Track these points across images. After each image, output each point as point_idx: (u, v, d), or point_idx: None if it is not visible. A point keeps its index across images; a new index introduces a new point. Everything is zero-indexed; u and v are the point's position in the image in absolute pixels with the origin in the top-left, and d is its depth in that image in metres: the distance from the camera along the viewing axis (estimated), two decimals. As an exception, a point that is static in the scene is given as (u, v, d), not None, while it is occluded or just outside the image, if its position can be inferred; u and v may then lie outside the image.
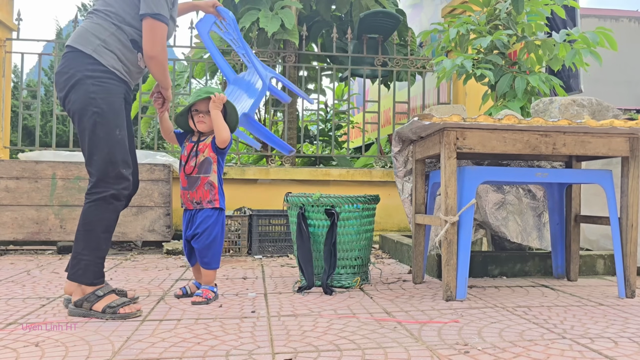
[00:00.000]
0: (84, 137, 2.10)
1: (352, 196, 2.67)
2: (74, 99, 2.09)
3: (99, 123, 2.07)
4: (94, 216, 2.07)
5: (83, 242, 2.07)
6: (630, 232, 2.49)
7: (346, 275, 2.67)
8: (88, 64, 2.10)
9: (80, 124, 2.10)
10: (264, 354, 1.60)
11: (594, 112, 2.66)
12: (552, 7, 3.43)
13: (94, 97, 2.07)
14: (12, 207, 3.96)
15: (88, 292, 2.06)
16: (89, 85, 2.08)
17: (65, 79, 2.11)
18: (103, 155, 2.07)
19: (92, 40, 2.13)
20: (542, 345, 1.71)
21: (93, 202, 2.08)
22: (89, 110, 2.07)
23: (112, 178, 2.08)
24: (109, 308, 2.03)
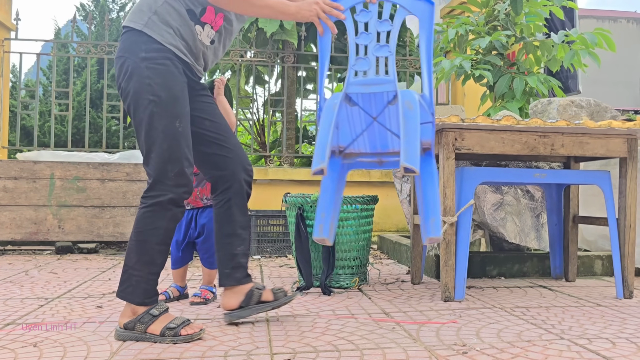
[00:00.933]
0: (140, 132, 1.78)
1: (350, 197, 2.67)
2: (128, 87, 1.78)
3: (156, 114, 1.75)
4: (148, 224, 1.76)
5: (135, 254, 1.76)
6: (628, 233, 2.49)
7: (345, 275, 2.67)
8: (141, 43, 1.78)
9: (135, 116, 1.79)
10: (262, 354, 1.60)
11: (592, 113, 2.66)
12: (550, 8, 3.43)
13: (149, 82, 1.75)
14: (10, 207, 3.96)
15: (140, 312, 1.76)
16: (143, 69, 1.75)
17: (119, 65, 1.81)
18: (161, 152, 1.75)
19: (144, 13, 1.80)
20: (540, 345, 1.71)
21: (148, 207, 1.76)
22: (145, 99, 1.75)
23: (171, 179, 1.76)
24: (169, 330, 1.74)
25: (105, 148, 4.75)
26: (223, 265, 1.99)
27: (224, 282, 1.99)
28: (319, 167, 1.65)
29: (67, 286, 2.67)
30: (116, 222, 4.05)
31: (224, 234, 1.98)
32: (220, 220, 1.99)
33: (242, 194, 1.99)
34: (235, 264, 1.98)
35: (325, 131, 1.73)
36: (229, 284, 1.97)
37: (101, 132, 9.62)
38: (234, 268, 1.98)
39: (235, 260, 1.98)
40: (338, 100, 1.76)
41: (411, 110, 1.74)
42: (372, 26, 1.84)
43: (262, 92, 7.88)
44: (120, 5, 12.96)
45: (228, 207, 1.97)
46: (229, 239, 1.98)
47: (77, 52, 4.79)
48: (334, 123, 1.73)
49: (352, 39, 1.86)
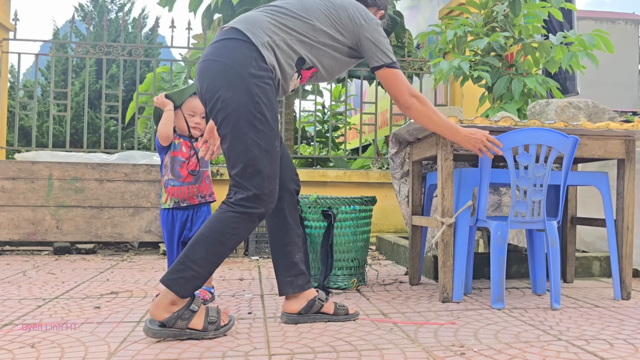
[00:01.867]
0: (236, 145, 1.76)
1: (349, 197, 2.67)
2: (231, 97, 1.75)
3: (262, 132, 1.76)
4: (232, 229, 1.76)
5: (205, 251, 1.74)
6: (626, 234, 2.50)
7: (343, 276, 2.67)
8: (252, 59, 1.77)
9: (234, 128, 1.76)
10: (260, 355, 1.60)
11: (590, 114, 2.67)
12: (549, 10, 3.44)
13: (257, 100, 1.76)
14: (8, 208, 3.95)
15: (177, 308, 1.74)
16: (253, 86, 1.75)
17: (222, 70, 1.77)
18: (263, 169, 1.76)
19: (262, 35, 1.81)
20: (538, 347, 1.71)
21: (239, 214, 1.76)
22: (251, 115, 1.75)
23: (267, 195, 1.78)
24: (211, 324, 1.76)
25: (104, 148, 4.75)
26: (283, 273, 2.01)
27: (286, 290, 2.01)
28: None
29: (65, 287, 2.67)
30: (114, 223, 4.05)
31: (282, 243, 2.02)
32: (277, 230, 2.03)
33: (295, 204, 2.06)
34: (296, 272, 2.02)
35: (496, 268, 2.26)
36: (292, 292, 2.00)
37: (99, 132, 9.63)
38: (295, 275, 2.01)
39: (296, 268, 2.02)
40: None
41: (553, 247, 2.28)
42: (531, 170, 2.24)
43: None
44: (119, 5, 12.95)
45: (283, 216, 2.02)
46: (288, 247, 2.02)
47: (76, 52, 4.79)
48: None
49: (514, 182, 2.26)
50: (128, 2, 13.02)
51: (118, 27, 10.89)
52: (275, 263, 2.04)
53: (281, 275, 2.02)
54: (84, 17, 11.38)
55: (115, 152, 4.55)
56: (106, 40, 4.82)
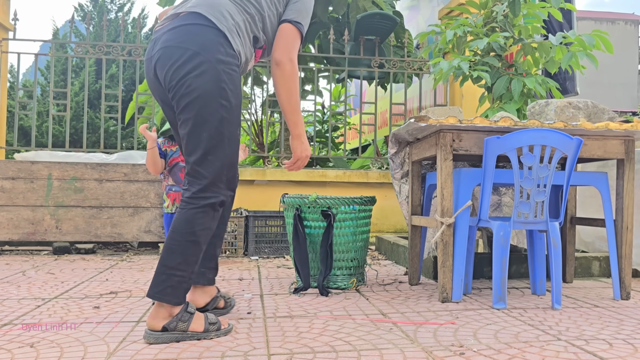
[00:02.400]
0: (200, 131, 1.74)
1: (348, 197, 2.67)
2: (198, 85, 1.72)
3: (226, 120, 1.76)
4: (201, 225, 1.74)
5: (181, 255, 1.73)
6: (625, 234, 2.50)
7: (342, 276, 2.67)
8: (219, 45, 1.76)
9: (199, 115, 1.73)
10: (259, 355, 1.60)
11: (589, 114, 2.67)
12: (548, 10, 3.44)
13: (224, 87, 1.74)
14: (8, 208, 3.95)
15: (177, 311, 1.74)
16: (220, 72, 1.74)
17: (189, 55, 1.73)
18: (222, 157, 1.76)
19: (226, 18, 1.80)
20: (537, 347, 1.71)
21: (200, 208, 1.74)
22: (217, 102, 1.74)
23: (224, 183, 1.79)
24: (212, 325, 1.78)
25: (103, 148, 4.74)
26: (201, 263, 2.01)
27: (197, 280, 2.01)
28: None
29: (65, 287, 2.67)
30: (114, 223, 4.05)
31: (214, 234, 2.02)
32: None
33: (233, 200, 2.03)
34: (212, 265, 2.04)
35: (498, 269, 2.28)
36: (202, 283, 2.01)
37: (99, 132, 9.63)
38: (209, 269, 2.03)
39: (213, 262, 2.05)
40: None
41: (555, 248, 2.28)
42: (534, 171, 2.25)
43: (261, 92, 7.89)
44: (119, 5, 12.95)
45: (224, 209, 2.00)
46: (214, 239, 2.03)
47: (75, 52, 4.78)
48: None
49: (518, 182, 2.26)
50: (128, 2, 13.01)
51: (118, 27, 10.89)
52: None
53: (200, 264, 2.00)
54: (83, 17, 11.38)
55: (115, 152, 4.55)
56: (106, 40, 4.82)
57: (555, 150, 2.26)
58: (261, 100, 7.48)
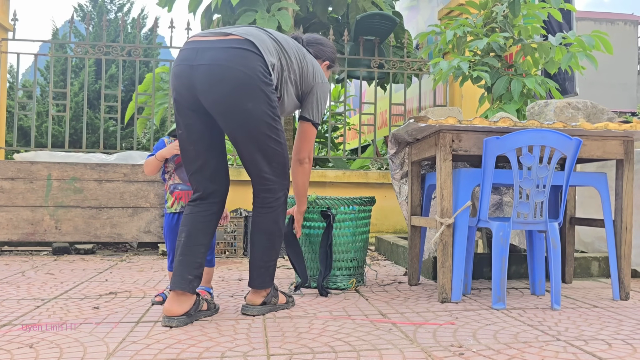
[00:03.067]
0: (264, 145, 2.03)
1: (348, 198, 2.67)
2: (251, 104, 1.96)
3: (280, 131, 2.06)
4: (282, 220, 2.13)
5: (272, 250, 2.12)
6: (624, 234, 2.50)
7: (342, 276, 2.67)
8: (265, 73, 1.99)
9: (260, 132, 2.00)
10: (259, 355, 1.60)
11: (589, 114, 2.67)
12: (548, 10, 3.44)
13: (274, 105, 2.02)
14: (7, 208, 3.95)
15: (267, 291, 2.14)
16: (269, 94, 1.99)
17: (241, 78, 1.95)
18: (284, 161, 2.10)
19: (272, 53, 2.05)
20: (536, 347, 1.71)
21: (279, 207, 2.10)
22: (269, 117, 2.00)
23: (288, 182, 2.14)
24: (288, 297, 2.25)
25: (103, 149, 4.74)
26: (187, 270, 2.01)
27: (182, 286, 1.99)
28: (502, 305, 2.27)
29: (64, 287, 2.66)
30: (113, 223, 4.05)
31: (200, 243, 2.06)
32: (202, 229, 2.07)
33: (223, 210, 2.21)
34: (198, 273, 2.05)
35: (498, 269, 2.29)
36: (185, 290, 1.99)
37: (99, 132, 9.63)
38: (196, 277, 2.03)
39: (199, 270, 2.05)
40: None
41: (555, 249, 2.30)
42: (534, 171, 2.26)
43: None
44: (118, 5, 12.95)
45: (212, 219, 2.11)
46: (204, 248, 2.07)
47: (75, 52, 4.78)
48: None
49: (517, 182, 2.28)
50: (127, 2, 13.01)
51: (117, 28, 10.88)
52: (183, 256, 2.02)
53: (184, 270, 2.01)
54: (83, 17, 11.38)
55: (115, 152, 4.55)
56: (105, 40, 4.82)
57: (555, 150, 2.26)
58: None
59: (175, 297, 1.98)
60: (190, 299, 2.00)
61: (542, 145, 2.24)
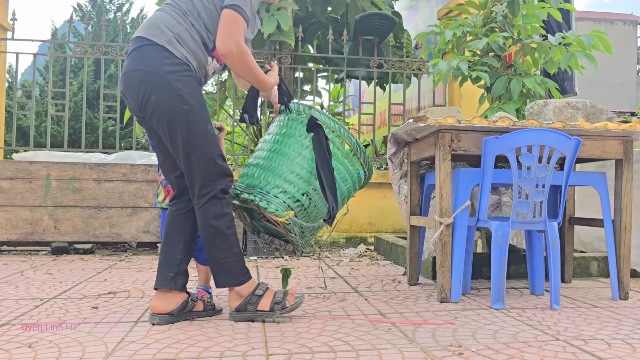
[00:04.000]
0: (176, 140, 1.93)
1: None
2: (158, 99, 1.90)
3: (193, 122, 1.91)
4: (213, 216, 1.94)
5: (214, 247, 1.96)
6: (624, 234, 2.50)
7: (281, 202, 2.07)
8: (164, 58, 1.90)
9: (170, 126, 1.92)
10: (258, 355, 1.60)
11: (588, 114, 2.67)
12: (548, 10, 3.44)
13: (180, 93, 1.89)
14: (6, 208, 3.94)
15: (245, 293, 1.99)
16: (172, 82, 1.89)
17: (141, 77, 1.91)
18: (203, 154, 1.93)
19: (164, 32, 1.93)
20: (535, 346, 1.71)
21: (206, 203, 1.94)
22: (179, 109, 1.90)
23: (215, 175, 1.95)
24: (277, 304, 1.98)
25: (102, 148, 4.74)
26: (167, 268, 2.02)
27: (164, 285, 2.00)
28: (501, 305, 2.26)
29: (63, 287, 2.66)
30: (112, 223, 4.04)
31: (178, 240, 2.05)
32: (179, 226, 2.06)
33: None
34: (181, 270, 2.03)
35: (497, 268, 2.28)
36: (169, 287, 2.00)
37: (98, 132, 9.61)
38: (178, 274, 2.02)
39: (181, 267, 2.04)
40: None
41: (554, 249, 2.29)
42: (533, 171, 2.25)
43: (260, 93, 7.88)
44: (118, 5, 12.94)
45: (188, 217, 2.07)
46: (182, 245, 2.05)
47: (74, 52, 4.78)
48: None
49: (516, 182, 2.26)
50: (126, 2, 13.00)
51: (116, 27, 10.87)
52: (162, 255, 2.04)
53: (164, 269, 2.01)
54: (82, 17, 11.37)
55: (114, 152, 4.54)
56: (104, 40, 4.81)
57: (554, 150, 2.26)
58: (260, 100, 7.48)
59: (159, 295, 2.00)
60: (177, 297, 2.00)
61: (542, 145, 2.24)
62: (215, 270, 1.99)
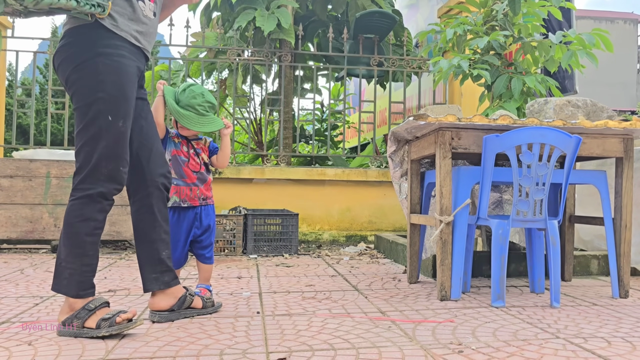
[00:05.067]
0: (79, 123, 1.79)
1: None
2: (77, 79, 1.78)
3: (102, 112, 1.77)
4: (78, 216, 1.77)
5: (66, 247, 1.78)
6: (624, 232, 2.50)
7: None
8: (95, 37, 1.77)
9: (78, 109, 1.79)
10: (258, 353, 1.60)
11: (588, 113, 2.66)
12: (549, 9, 3.44)
13: (101, 79, 1.76)
14: (6, 206, 3.94)
15: (77, 307, 1.78)
16: (98, 65, 1.76)
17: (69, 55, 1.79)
18: (99, 149, 1.77)
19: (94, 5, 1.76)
20: (535, 344, 1.71)
21: (77, 199, 1.78)
22: (93, 95, 1.76)
23: (103, 175, 1.79)
24: (104, 321, 1.75)
25: (102, 146, 4.71)
26: (149, 270, 1.99)
27: (152, 287, 1.98)
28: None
29: (63, 285, 2.66)
30: (112, 221, 4.04)
31: (149, 240, 1.99)
32: (145, 226, 1.99)
33: (164, 199, 2.03)
34: (163, 268, 2.00)
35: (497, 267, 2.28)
36: (158, 288, 1.98)
37: (98, 130, 9.61)
38: (161, 272, 1.99)
39: (163, 265, 2.00)
40: None
41: (554, 247, 2.29)
42: (533, 169, 2.25)
43: (260, 91, 7.88)
44: (118, 3, 12.88)
45: (151, 212, 1.98)
46: (155, 244, 1.99)
47: (74, 50, 4.76)
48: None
49: (516, 180, 2.26)
50: None
51: (116, 26, 10.85)
52: (140, 259, 2.00)
53: (146, 272, 1.99)
54: None
55: (114, 150, 4.53)
56: (104, 38, 4.80)
57: (554, 148, 2.25)
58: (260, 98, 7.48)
59: (157, 293, 1.99)
60: (175, 292, 1.99)
61: (542, 143, 2.23)
62: (56, 272, 1.80)
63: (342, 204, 4.81)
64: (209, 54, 5.50)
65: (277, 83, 6.54)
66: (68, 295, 1.78)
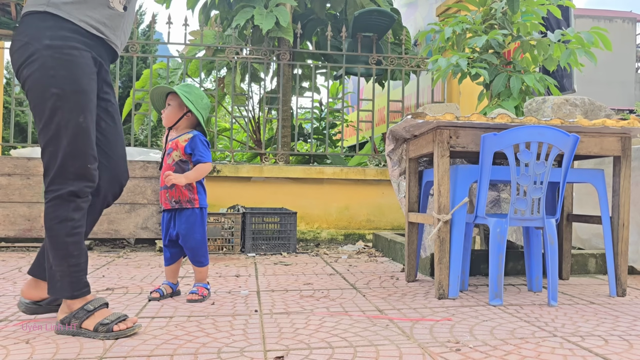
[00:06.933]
0: (38, 123, 1.71)
1: None
2: (29, 75, 1.69)
3: (59, 108, 1.68)
4: (53, 219, 1.74)
5: (51, 250, 1.75)
6: (621, 231, 2.50)
7: None
8: (45, 29, 1.68)
9: (36, 107, 1.71)
10: (255, 351, 1.60)
11: (586, 111, 2.67)
12: (547, 7, 3.44)
13: (53, 74, 1.67)
14: (4, 204, 3.94)
15: (75, 307, 1.76)
16: (47, 59, 1.66)
17: (20, 49, 1.70)
18: (62, 147, 1.70)
19: None
20: (533, 343, 1.72)
21: (51, 202, 1.74)
22: (47, 91, 1.68)
23: (71, 174, 1.73)
24: (102, 325, 1.73)
25: (100, 145, 4.71)
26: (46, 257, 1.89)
27: (37, 273, 1.91)
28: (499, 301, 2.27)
29: (61, 283, 2.66)
30: (110, 220, 4.04)
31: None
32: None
33: (105, 205, 1.98)
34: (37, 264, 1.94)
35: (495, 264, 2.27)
36: (41, 277, 1.91)
37: (96, 129, 9.61)
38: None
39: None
40: None
41: (552, 245, 2.29)
42: (531, 167, 2.25)
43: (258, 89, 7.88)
44: (116, 1, 12.87)
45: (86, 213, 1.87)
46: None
47: (72, 48, 4.75)
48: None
49: (514, 179, 2.26)
50: (125, -2, 12.95)
51: (115, 24, 10.84)
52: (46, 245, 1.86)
53: (44, 257, 1.89)
54: None
55: (112, 148, 4.52)
56: (102, 36, 4.79)
57: (552, 147, 2.26)
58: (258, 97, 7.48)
59: (30, 285, 1.93)
60: (45, 287, 1.89)
61: (540, 141, 2.24)
62: (50, 275, 1.80)
63: (340, 202, 4.81)
64: (207, 52, 5.49)
65: (275, 81, 6.54)
66: (64, 298, 1.77)
